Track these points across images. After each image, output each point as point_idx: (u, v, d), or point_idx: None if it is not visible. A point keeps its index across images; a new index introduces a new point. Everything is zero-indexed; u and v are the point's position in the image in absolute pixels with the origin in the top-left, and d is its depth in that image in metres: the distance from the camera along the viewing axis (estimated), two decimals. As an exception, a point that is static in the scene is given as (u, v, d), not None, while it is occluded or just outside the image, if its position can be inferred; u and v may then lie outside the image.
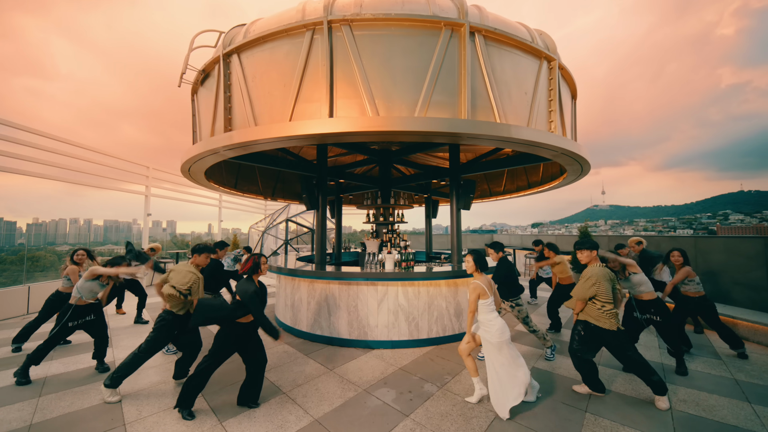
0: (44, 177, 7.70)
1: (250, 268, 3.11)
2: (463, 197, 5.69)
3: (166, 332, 3.35)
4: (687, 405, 3.07)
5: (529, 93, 4.48)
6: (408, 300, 4.55)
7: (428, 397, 3.24)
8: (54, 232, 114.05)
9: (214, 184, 6.70)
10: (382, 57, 3.96)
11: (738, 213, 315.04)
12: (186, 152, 4.87)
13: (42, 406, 3.13)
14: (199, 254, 3.61)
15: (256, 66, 4.38)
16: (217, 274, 4.68)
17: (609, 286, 3.08)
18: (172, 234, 43.44)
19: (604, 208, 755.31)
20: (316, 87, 4.01)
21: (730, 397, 3.19)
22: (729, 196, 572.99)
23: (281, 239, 13.96)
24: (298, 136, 3.83)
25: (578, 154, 4.60)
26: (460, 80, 4.01)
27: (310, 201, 5.80)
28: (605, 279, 3.08)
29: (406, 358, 4.14)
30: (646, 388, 3.37)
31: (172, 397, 3.25)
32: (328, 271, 4.78)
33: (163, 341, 3.33)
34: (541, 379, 3.58)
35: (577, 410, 3.00)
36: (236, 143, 4.06)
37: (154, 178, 10.95)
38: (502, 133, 3.87)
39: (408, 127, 3.67)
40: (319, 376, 3.71)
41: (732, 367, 3.86)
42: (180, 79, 5.08)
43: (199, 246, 3.66)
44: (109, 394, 3.18)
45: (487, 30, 4.11)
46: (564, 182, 6.78)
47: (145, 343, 3.28)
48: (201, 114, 5.28)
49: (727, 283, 5.73)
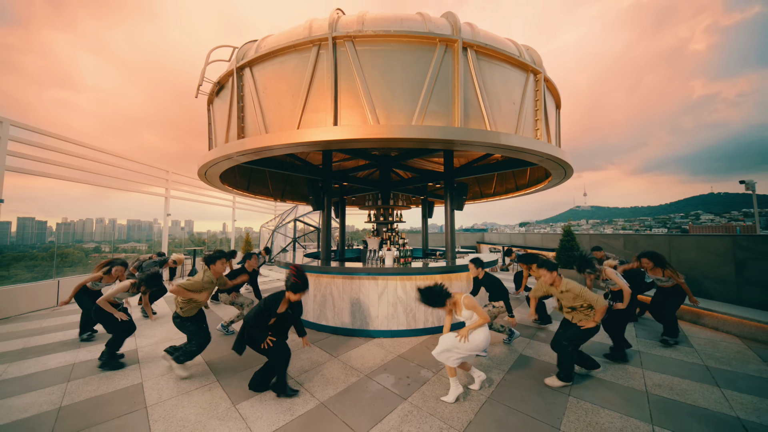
0: (72, 180, 7.70)
1: (292, 284, 2.98)
2: (457, 199, 5.69)
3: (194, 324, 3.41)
4: (662, 389, 3.07)
5: (517, 103, 4.48)
6: (406, 293, 4.55)
7: (424, 381, 3.24)
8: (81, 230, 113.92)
9: (228, 187, 6.70)
10: (382, 70, 3.96)
11: (708, 213, 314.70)
12: (202, 157, 4.87)
13: (70, 390, 3.13)
14: (213, 263, 3.53)
15: (266, 78, 4.38)
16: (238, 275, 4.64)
17: (585, 291, 3.18)
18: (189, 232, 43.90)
19: (585, 208, 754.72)
20: (322, 98, 4.01)
21: (701, 382, 3.19)
22: (700, 197, 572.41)
23: (290, 237, 13.95)
24: (305, 143, 3.83)
25: (562, 159, 4.60)
26: (454, 91, 4.01)
27: (316, 202, 5.80)
28: (579, 288, 3.17)
29: (405, 346, 4.14)
30: (625, 374, 3.37)
31: (189, 382, 3.25)
32: (333, 267, 4.77)
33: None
34: (526, 365, 3.59)
35: (561, 394, 3.00)
36: (248, 149, 4.06)
37: (173, 181, 10.95)
38: (492, 140, 3.87)
39: (406, 134, 3.67)
40: (324, 362, 3.71)
41: (703, 354, 3.86)
42: (197, 90, 5.08)
43: (210, 255, 3.56)
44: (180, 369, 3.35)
45: (478, 45, 4.11)
46: (549, 185, 6.78)
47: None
48: (216, 122, 5.28)
49: (698, 277, 5.73)
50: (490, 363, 3.64)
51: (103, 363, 3.61)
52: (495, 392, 3.03)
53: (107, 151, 8.55)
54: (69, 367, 3.64)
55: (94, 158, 8.15)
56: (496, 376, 3.33)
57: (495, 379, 3.29)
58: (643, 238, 7.13)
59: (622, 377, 3.31)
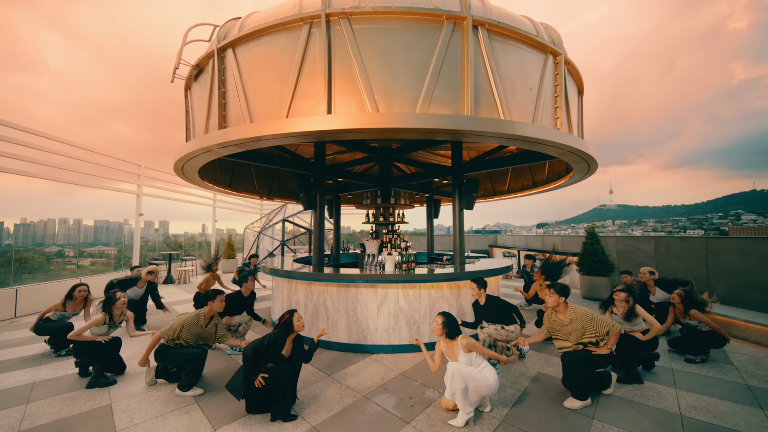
0: (33, 176, 7.70)
1: (282, 324, 3.12)
2: (466, 196, 5.69)
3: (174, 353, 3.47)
4: (698, 411, 3.07)
5: (534, 89, 4.48)
6: (409, 303, 4.55)
7: (430, 403, 3.23)
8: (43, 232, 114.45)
9: (208, 183, 6.70)
10: (382, 52, 3.96)
11: (750, 213, 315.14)
12: (179, 150, 4.87)
13: (30, 413, 3.13)
14: (213, 300, 3.63)
15: (251, 61, 4.38)
16: (236, 305, 4.61)
17: (598, 315, 3.28)
18: (164, 234, 43.82)
19: (611, 207, 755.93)
20: (314, 82, 4.01)
21: (742, 404, 3.19)
22: (741, 195, 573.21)
23: (278, 240, 13.96)
24: (295, 134, 3.83)
25: (585, 151, 4.60)
26: (463, 75, 4.01)
27: (308, 200, 5.80)
28: (590, 314, 3.27)
29: (407, 363, 4.14)
30: (656, 394, 3.37)
31: (165, 404, 3.25)
32: (326, 273, 4.78)
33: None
34: (544, 384, 3.59)
35: (584, 417, 2.99)
36: (231, 141, 4.06)
37: (146, 177, 10.94)
38: (507, 130, 3.87)
39: (409, 124, 3.67)
40: (316, 381, 3.71)
41: (744, 372, 3.86)
42: (173, 74, 5.08)
43: (205, 294, 3.68)
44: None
45: (490, 23, 4.11)
46: (570, 181, 6.78)
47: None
48: (195, 110, 5.28)
49: (739, 285, 5.73)
50: (504, 382, 3.64)
51: (92, 381, 3.62)
52: (510, 415, 3.03)
53: (72, 142, 8.55)
54: (29, 387, 3.63)
55: (58, 151, 8.15)
56: (510, 397, 3.33)
57: (510, 399, 3.29)
58: (677, 241, 7.13)
59: (653, 398, 3.31)
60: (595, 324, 3.23)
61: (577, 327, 3.24)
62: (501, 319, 4.09)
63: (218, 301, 3.66)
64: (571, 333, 3.28)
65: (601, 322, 3.23)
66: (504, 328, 4.03)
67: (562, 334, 3.35)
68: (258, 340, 3.05)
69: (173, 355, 3.45)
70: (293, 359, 3.16)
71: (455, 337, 3.11)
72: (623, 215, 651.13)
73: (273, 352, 3.03)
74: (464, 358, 3.01)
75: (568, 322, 3.29)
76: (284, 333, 3.12)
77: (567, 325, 3.29)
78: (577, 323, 3.24)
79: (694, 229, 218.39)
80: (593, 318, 3.25)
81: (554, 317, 3.42)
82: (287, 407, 2.96)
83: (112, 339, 3.82)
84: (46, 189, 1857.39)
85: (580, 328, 3.23)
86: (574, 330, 3.26)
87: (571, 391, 3.21)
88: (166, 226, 52.21)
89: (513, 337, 4.00)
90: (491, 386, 2.91)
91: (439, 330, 3.12)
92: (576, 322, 3.25)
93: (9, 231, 21.12)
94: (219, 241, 15.81)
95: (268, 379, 2.92)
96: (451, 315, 3.19)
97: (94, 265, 12.24)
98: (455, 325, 3.13)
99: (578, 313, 3.26)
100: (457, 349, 3.06)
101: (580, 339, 3.25)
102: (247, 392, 2.93)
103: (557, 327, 3.38)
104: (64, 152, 8.31)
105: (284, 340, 3.10)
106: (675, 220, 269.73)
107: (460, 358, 3.03)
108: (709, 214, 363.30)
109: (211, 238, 15.28)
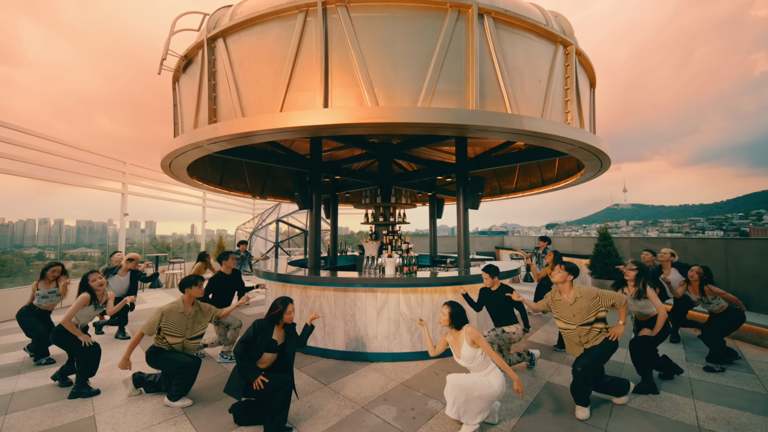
0: (10, 173, 7.70)
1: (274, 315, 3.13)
2: (471, 195, 5.69)
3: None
4: (717, 423, 3.07)
5: (543, 81, 4.48)
6: (410, 308, 4.56)
7: (433, 414, 3.24)
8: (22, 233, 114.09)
9: (197, 181, 6.70)
10: (382, 42, 3.96)
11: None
12: (166, 146, 4.87)
13: (8, 425, 3.13)
14: (190, 286, 3.61)
15: (243, 51, 4.38)
16: (220, 287, 4.66)
17: (603, 291, 3.33)
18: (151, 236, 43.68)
19: (625, 207, 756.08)
20: (310, 74, 4.01)
21: (764, 415, 3.19)
22: (763, 194, 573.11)
23: (271, 241, 13.97)
24: (289, 129, 3.83)
25: (597, 147, 4.60)
26: (468, 67, 4.01)
27: (303, 199, 5.81)
28: (596, 291, 3.31)
29: (409, 372, 4.15)
30: (673, 405, 3.38)
31: (151, 416, 3.25)
32: (323, 277, 4.78)
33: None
34: (554, 394, 3.60)
35: (596, 429, 3.00)
36: (222, 136, 4.06)
37: (132, 175, 10.94)
38: (514, 125, 3.88)
39: (410, 118, 3.67)
40: (312, 391, 3.71)
41: (766, 381, 3.86)
42: (160, 65, 5.08)
43: (183, 280, 3.66)
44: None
45: (497, 12, 4.11)
46: (581, 179, 6.78)
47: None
48: (183, 104, 5.28)
49: (760, 289, 5.73)
50: (512, 392, 3.65)
51: (75, 392, 3.62)
52: (518, 426, 3.04)
53: (53, 138, 8.55)
54: (7, 398, 3.63)
55: (37, 147, 8.15)
56: (519, 408, 3.34)
57: (518, 410, 3.29)
58: (695, 243, 7.14)
59: (670, 409, 3.32)
60: (600, 299, 3.23)
61: (581, 306, 3.24)
62: (505, 312, 4.07)
63: (198, 286, 3.62)
64: (575, 314, 3.27)
65: (606, 296, 3.23)
66: (504, 332, 4.01)
67: (566, 316, 3.35)
68: (244, 334, 3.05)
69: (167, 360, 3.43)
70: (287, 347, 3.16)
71: (461, 327, 3.08)
72: (638, 215, 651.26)
73: (263, 339, 3.00)
74: (468, 352, 2.94)
75: (572, 301, 3.28)
76: (271, 321, 3.11)
77: (571, 305, 3.29)
78: (582, 302, 3.24)
79: (713, 229, 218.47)
80: (598, 294, 3.24)
81: (558, 296, 3.42)
82: (283, 422, 2.91)
83: (94, 345, 3.82)
84: (26, 187, 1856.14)
85: (584, 308, 3.23)
86: (579, 311, 3.25)
87: (577, 400, 3.21)
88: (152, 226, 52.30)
89: (515, 339, 4.01)
90: (495, 393, 2.85)
91: (446, 321, 3.09)
92: (581, 301, 3.25)
93: (-15, 232, 21.10)
94: (209, 243, 15.82)
95: (267, 385, 2.88)
96: (458, 304, 3.15)
97: (76, 268, 12.28)
98: (463, 315, 3.10)
99: (583, 292, 3.27)
100: (461, 341, 3.02)
101: (584, 320, 3.23)
102: (246, 392, 2.91)
103: (560, 307, 3.39)
104: (44, 148, 8.32)
105: (272, 327, 3.08)
106: (693, 221, 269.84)
107: (463, 352, 2.97)
108: (728, 213, 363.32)
109: (201, 240, 15.28)
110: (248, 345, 2.98)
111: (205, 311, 3.75)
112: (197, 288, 3.64)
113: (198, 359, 3.58)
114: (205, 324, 3.74)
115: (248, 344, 2.98)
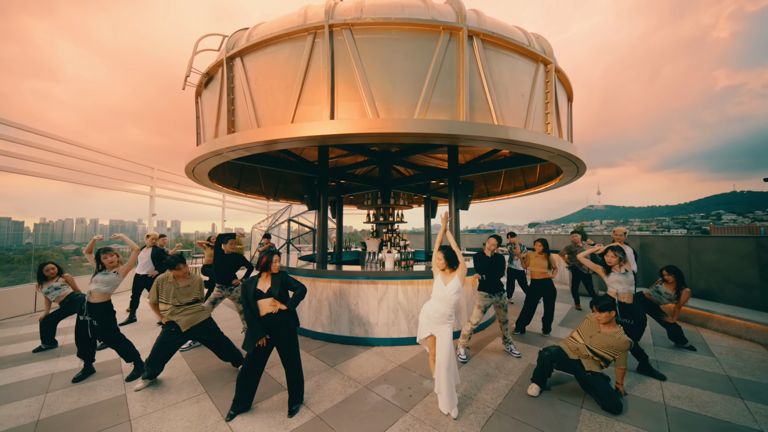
0: (51, 178, 7.70)
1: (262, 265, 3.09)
2: (462, 197, 5.69)
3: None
4: (681, 401, 3.08)
5: (526, 95, 4.48)
6: (407, 298, 4.55)
7: (427, 393, 3.24)
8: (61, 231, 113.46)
9: (217, 185, 6.70)
10: (382, 60, 3.96)
11: (731, 213, 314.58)
12: (190, 154, 4.87)
13: (49, 402, 3.13)
14: (173, 267, 3.50)
15: (258, 69, 4.38)
16: (225, 263, 4.56)
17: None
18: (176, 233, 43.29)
19: (599, 208, 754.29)
20: (318, 90, 4.01)
21: (723, 393, 3.20)
22: (722, 196, 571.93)
23: (283, 239, 13.95)
24: (300, 138, 3.83)
25: (574, 155, 4.60)
26: (459, 83, 4.01)
27: (312, 201, 5.80)
28: (627, 343, 3.10)
29: (406, 355, 4.14)
30: (642, 385, 3.37)
31: (176, 393, 3.26)
32: (329, 270, 4.78)
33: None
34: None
35: (572, 406, 3.00)
36: (239, 144, 4.06)
37: (159, 179, 10.95)
38: (500, 134, 3.87)
39: (407, 128, 3.67)
40: (320, 372, 3.71)
41: (725, 363, 3.86)
42: (184, 81, 5.08)
43: (167, 262, 3.57)
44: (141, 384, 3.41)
45: (485, 34, 4.11)
46: (560, 183, 6.78)
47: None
48: (205, 116, 5.28)
49: (719, 281, 5.73)
50: (497, 372, 3.65)
51: (133, 374, 3.65)
52: (503, 404, 3.03)
53: (88, 146, 8.55)
54: (47, 378, 3.64)
55: (75, 154, 8.15)
56: (504, 387, 3.33)
57: (503, 390, 3.29)
58: (661, 240, 7.13)
59: (639, 388, 3.32)
60: (619, 353, 3.05)
61: (606, 342, 3.07)
62: (495, 276, 4.18)
63: (177, 269, 3.50)
64: (592, 336, 3.16)
65: (623, 355, 3.06)
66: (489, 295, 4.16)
67: (586, 333, 3.22)
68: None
69: (208, 328, 3.57)
70: (275, 291, 3.03)
71: (455, 266, 3.09)
72: (610, 215, 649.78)
73: (248, 290, 2.97)
74: (455, 284, 2.96)
75: (607, 334, 3.11)
76: (262, 269, 3.07)
77: (600, 333, 3.13)
78: (609, 340, 3.07)
79: (677, 228, 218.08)
80: (624, 349, 3.04)
81: (594, 318, 3.24)
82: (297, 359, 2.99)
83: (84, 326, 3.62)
84: (64, 190, 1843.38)
85: (607, 345, 3.07)
86: (602, 340, 3.10)
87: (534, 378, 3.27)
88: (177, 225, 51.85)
89: (501, 313, 4.19)
90: (453, 299, 2.95)
91: (443, 264, 3.09)
92: (610, 339, 3.07)
93: (29, 230, 21.10)
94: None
95: (270, 330, 2.92)
96: (449, 247, 3.18)
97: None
98: (454, 256, 3.12)
99: (618, 337, 3.06)
100: (452, 276, 3.03)
101: (593, 346, 3.12)
102: (252, 346, 2.89)
103: (588, 325, 3.24)
104: (81, 155, 8.32)
105: (256, 278, 3.05)
106: (659, 220, 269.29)
107: (451, 284, 2.98)
108: (691, 214, 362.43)
109: (221, 237, 15.25)
110: (247, 299, 2.95)
111: (194, 284, 3.64)
112: (181, 270, 3.54)
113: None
114: (194, 296, 3.60)
115: (246, 299, 2.95)
